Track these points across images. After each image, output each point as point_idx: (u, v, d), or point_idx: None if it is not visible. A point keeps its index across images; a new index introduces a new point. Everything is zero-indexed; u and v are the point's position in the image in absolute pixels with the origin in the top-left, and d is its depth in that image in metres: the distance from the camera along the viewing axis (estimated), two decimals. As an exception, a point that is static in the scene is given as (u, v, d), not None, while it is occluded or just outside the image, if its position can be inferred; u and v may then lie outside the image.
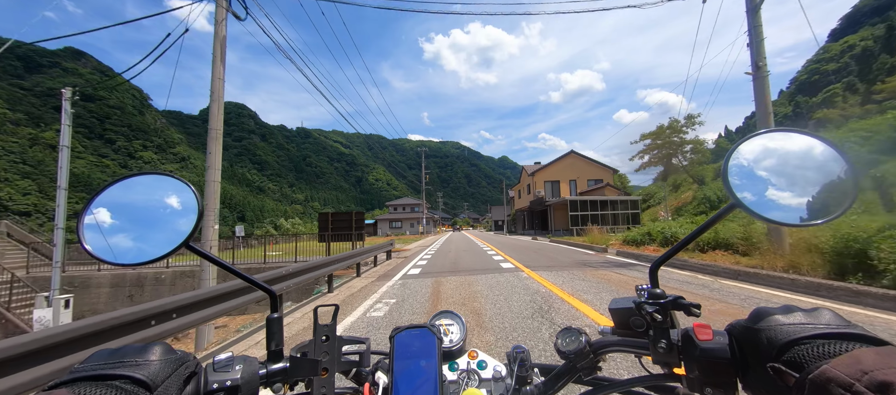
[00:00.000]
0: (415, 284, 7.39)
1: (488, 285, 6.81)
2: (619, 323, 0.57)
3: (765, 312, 0.43)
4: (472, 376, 0.61)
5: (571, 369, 0.57)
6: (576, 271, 8.12)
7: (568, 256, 12.35)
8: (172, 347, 0.46)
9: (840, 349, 0.36)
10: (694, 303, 0.51)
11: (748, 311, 0.45)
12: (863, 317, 4.05)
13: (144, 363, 0.41)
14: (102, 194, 0.56)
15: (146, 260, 0.54)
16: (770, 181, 0.50)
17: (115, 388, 0.37)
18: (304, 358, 0.57)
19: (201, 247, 0.62)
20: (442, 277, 8.42)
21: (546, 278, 7.20)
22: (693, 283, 6.44)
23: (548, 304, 5.04)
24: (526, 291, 6.08)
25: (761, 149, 0.52)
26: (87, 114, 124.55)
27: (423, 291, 6.59)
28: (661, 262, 0.57)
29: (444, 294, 6.19)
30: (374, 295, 6.31)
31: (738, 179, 0.50)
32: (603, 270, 8.40)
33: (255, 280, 0.63)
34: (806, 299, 4.97)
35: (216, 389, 0.46)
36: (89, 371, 0.39)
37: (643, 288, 0.56)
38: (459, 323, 0.71)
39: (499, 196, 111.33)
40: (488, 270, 9.15)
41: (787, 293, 5.37)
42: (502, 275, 8.10)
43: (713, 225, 0.54)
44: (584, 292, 5.76)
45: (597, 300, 5.18)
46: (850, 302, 4.68)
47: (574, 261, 10.43)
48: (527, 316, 4.43)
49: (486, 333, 3.86)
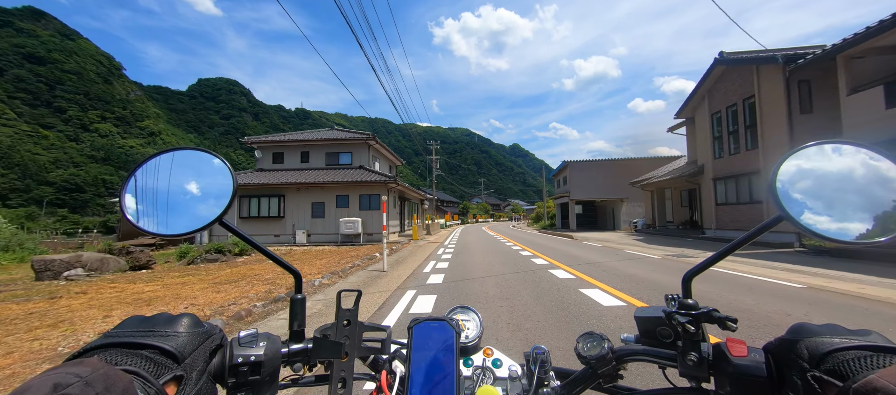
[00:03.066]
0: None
1: None
2: (644, 332, 0.55)
3: (806, 327, 0.42)
4: (486, 373, 0.60)
5: (591, 375, 0.54)
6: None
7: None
8: (200, 319, 0.48)
9: (887, 361, 0.34)
10: (730, 317, 0.47)
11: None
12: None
13: (173, 334, 0.43)
14: (145, 166, 0.56)
15: (181, 232, 0.55)
16: (822, 194, 0.46)
17: (144, 357, 0.38)
18: (328, 340, 0.57)
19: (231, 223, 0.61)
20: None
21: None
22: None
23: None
24: None
25: (815, 160, 0.48)
26: (32, 78, 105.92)
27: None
28: (696, 272, 0.53)
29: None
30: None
31: (788, 189, 0.47)
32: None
33: (280, 260, 0.63)
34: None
35: (240, 363, 0.48)
36: (121, 338, 0.40)
37: (674, 297, 0.53)
38: (476, 319, 0.69)
39: (511, 185, 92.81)
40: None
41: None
42: None
43: (756, 236, 0.50)
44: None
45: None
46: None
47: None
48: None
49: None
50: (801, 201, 0.46)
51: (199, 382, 0.42)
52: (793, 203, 0.46)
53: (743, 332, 3.49)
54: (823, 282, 5.94)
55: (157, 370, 0.38)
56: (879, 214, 0.43)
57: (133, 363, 0.37)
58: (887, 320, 3.94)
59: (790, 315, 4.13)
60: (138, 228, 0.53)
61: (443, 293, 5.90)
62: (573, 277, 6.97)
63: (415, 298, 5.64)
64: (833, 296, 5.05)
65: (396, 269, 9.05)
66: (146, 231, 0.54)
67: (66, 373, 0.30)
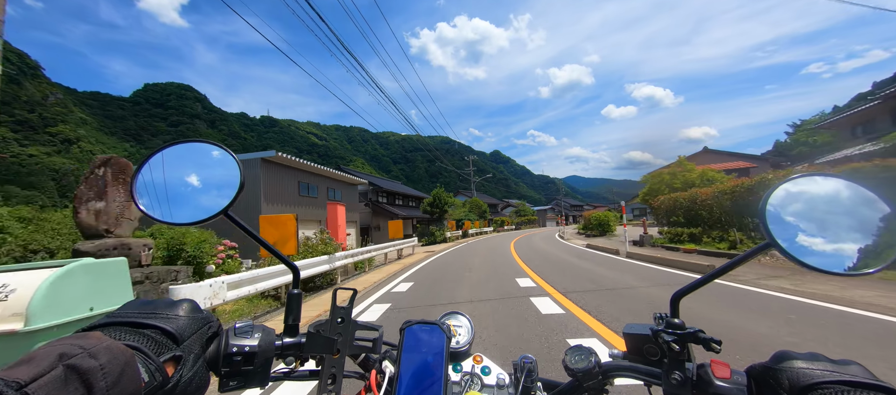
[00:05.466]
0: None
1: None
2: (632, 349, 0.55)
3: (788, 355, 0.43)
4: (475, 379, 0.60)
5: (577, 387, 0.55)
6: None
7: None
8: (199, 306, 0.49)
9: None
10: (715, 338, 0.48)
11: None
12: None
13: (174, 316, 0.44)
14: (155, 157, 0.57)
15: (189, 222, 0.56)
16: (811, 225, 0.47)
17: (145, 336, 0.40)
18: (321, 336, 0.57)
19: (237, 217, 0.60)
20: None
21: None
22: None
23: None
24: None
25: (805, 191, 0.49)
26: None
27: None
28: (685, 293, 0.54)
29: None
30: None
31: (777, 218, 0.48)
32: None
33: (281, 255, 0.64)
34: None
35: (234, 352, 0.49)
36: (124, 318, 0.42)
37: (661, 316, 0.53)
38: (468, 326, 0.70)
39: (494, 191, 76.67)
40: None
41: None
42: None
43: (744, 262, 0.51)
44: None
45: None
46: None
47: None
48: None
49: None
50: (790, 230, 0.47)
51: (195, 365, 0.44)
52: (782, 232, 0.46)
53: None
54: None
55: (157, 348, 0.40)
56: (866, 246, 0.44)
57: (135, 339, 0.39)
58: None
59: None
60: (147, 215, 0.55)
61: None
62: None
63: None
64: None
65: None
66: (153, 219, 0.55)
67: (71, 345, 0.31)
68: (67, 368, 0.29)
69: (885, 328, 3.82)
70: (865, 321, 4.09)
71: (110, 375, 0.31)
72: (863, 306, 4.59)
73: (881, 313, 4.30)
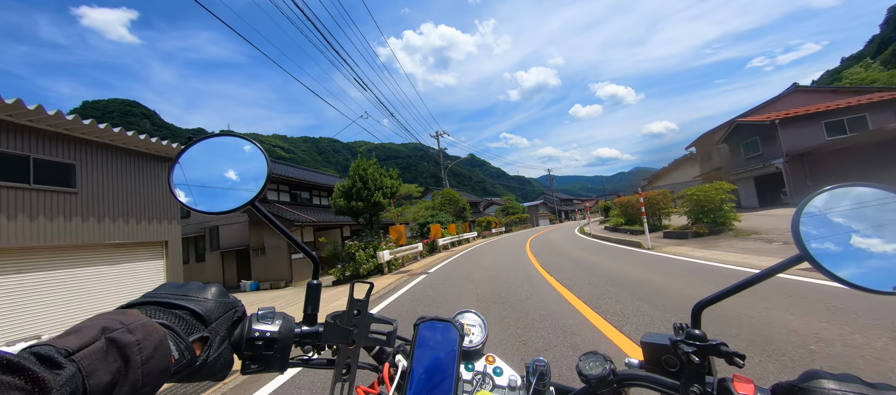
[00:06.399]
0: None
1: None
2: (649, 359, 0.54)
3: (818, 374, 0.40)
4: (486, 379, 0.60)
5: (590, 394, 0.54)
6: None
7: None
8: (227, 291, 0.51)
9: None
10: (739, 353, 0.46)
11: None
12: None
13: (203, 299, 0.47)
14: (190, 150, 0.60)
15: (220, 211, 0.59)
16: (851, 237, 0.44)
17: (177, 316, 0.43)
18: (338, 326, 0.59)
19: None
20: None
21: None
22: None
23: None
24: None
25: (844, 201, 0.46)
26: None
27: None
28: (707, 304, 0.52)
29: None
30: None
31: (812, 229, 0.45)
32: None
33: (303, 246, 0.65)
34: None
35: (256, 337, 0.51)
36: (159, 298, 0.44)
37: (682, 326, 0.51)
38: (482, 325, 0.70)
39: (471, 193, 63.68)
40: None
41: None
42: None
43: (775, 274, 0.47)
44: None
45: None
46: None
47: None
48: None
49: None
50: (825, 243, 0.44)
51: (221, 346, 0.46)
52: (816, 244, 0.44)
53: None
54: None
55: (187, 328, 0.43)
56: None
57: (168, 319, 0.41)
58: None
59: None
60: (182, 204, 0.58)
61: None
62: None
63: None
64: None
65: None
66: (188, 207, 0.58)
67: (113, 319, 0.34)
68: (109, 341, 0.31)
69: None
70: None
71: (145, 350, 0.34)
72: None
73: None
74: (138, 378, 0.32)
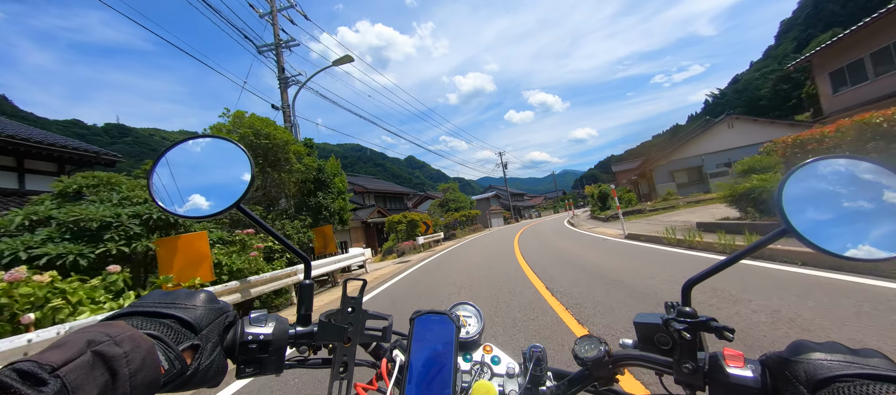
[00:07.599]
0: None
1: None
2: (642, 338, 0.54)
3: (805, 346, 0.41)
4: (485, 369, 0.60)
5: (587, 377, 0.55)
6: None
7: None
8: (216, 297, 0.50)
9: (883, 391, 0.33)
10: (728, 327, 0.46)
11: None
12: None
13: (192, 307, 0.46)
14: (169, 153, 0.58)
15: (204, 214, 0.58)
16: (833, 209, 0.44)
17: (165, 325, 0.42)
18: (332, 324, 0.58)
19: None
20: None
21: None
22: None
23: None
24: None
25: (824, 175, 0.46)
26: None
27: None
28: (696, 281, 0.52)
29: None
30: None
31: (794, 204, 0.45)
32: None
33: (293, 247, 0.64)
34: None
35: (250, 341, 0.50)
36: (145, 307, 0.43)
37: (673, 305, 0.52)
38: (478, 316, 0.69)
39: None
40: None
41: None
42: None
43: (759, 249, 0.49)
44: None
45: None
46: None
47: None
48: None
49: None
50: (808, 216, 0.44)
51: (213, 353, 0.45)
52: (799, 217, 0.44)
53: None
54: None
55: (176, 337, 0.41)
56: (888, 230, 0.41)
57: (155, 329, 0.40)
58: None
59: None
60: (163, 209, 0.56)
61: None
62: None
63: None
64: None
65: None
66: (169, 212, 0.57)
67: (98, 332, 0.33)
68: (95, 354, 0.30)
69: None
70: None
71: (133, 362, 0.32)
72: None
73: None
74: (127, 391, 0.31)
